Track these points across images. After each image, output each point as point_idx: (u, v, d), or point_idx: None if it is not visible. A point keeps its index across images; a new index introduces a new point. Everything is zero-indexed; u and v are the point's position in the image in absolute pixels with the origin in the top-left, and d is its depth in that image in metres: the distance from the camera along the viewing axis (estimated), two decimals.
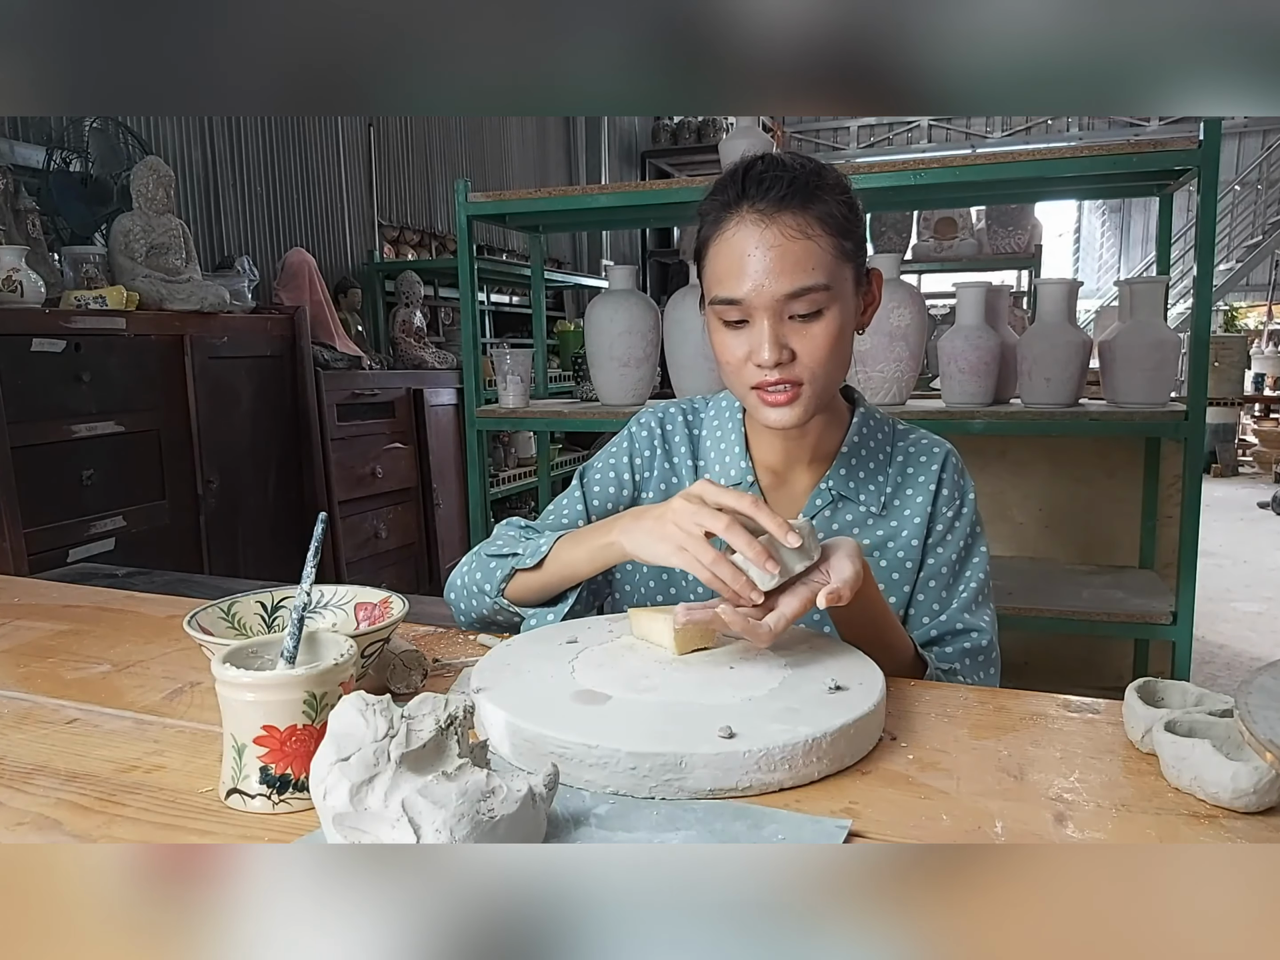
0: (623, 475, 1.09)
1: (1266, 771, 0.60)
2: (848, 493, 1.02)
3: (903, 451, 1.05)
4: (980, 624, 1.00)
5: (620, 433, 1.12)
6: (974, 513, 1.04)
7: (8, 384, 2.04)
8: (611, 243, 7.41)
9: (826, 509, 1.02)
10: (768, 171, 0.90)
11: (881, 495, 1.03)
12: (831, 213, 0.90)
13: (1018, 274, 6.52)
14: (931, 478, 1.03)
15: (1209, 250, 1.81)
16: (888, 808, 0.62)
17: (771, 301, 0.89)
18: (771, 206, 0.89)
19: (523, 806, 0.53)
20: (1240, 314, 11.56)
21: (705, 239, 0.95)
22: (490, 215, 2.46)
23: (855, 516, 1.02)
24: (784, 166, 0.91)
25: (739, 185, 0.91)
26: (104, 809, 0.63)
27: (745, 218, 0.90)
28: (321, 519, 0.69)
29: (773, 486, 1.05)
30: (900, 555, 1.02)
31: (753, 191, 0.90)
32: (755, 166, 0.92)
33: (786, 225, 0.89)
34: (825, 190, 0.91)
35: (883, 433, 1.06)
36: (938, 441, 1.07)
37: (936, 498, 1.03)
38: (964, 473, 1.06)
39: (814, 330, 0.91)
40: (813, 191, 0.90)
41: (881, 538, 1.02)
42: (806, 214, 0.89)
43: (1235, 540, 5.59)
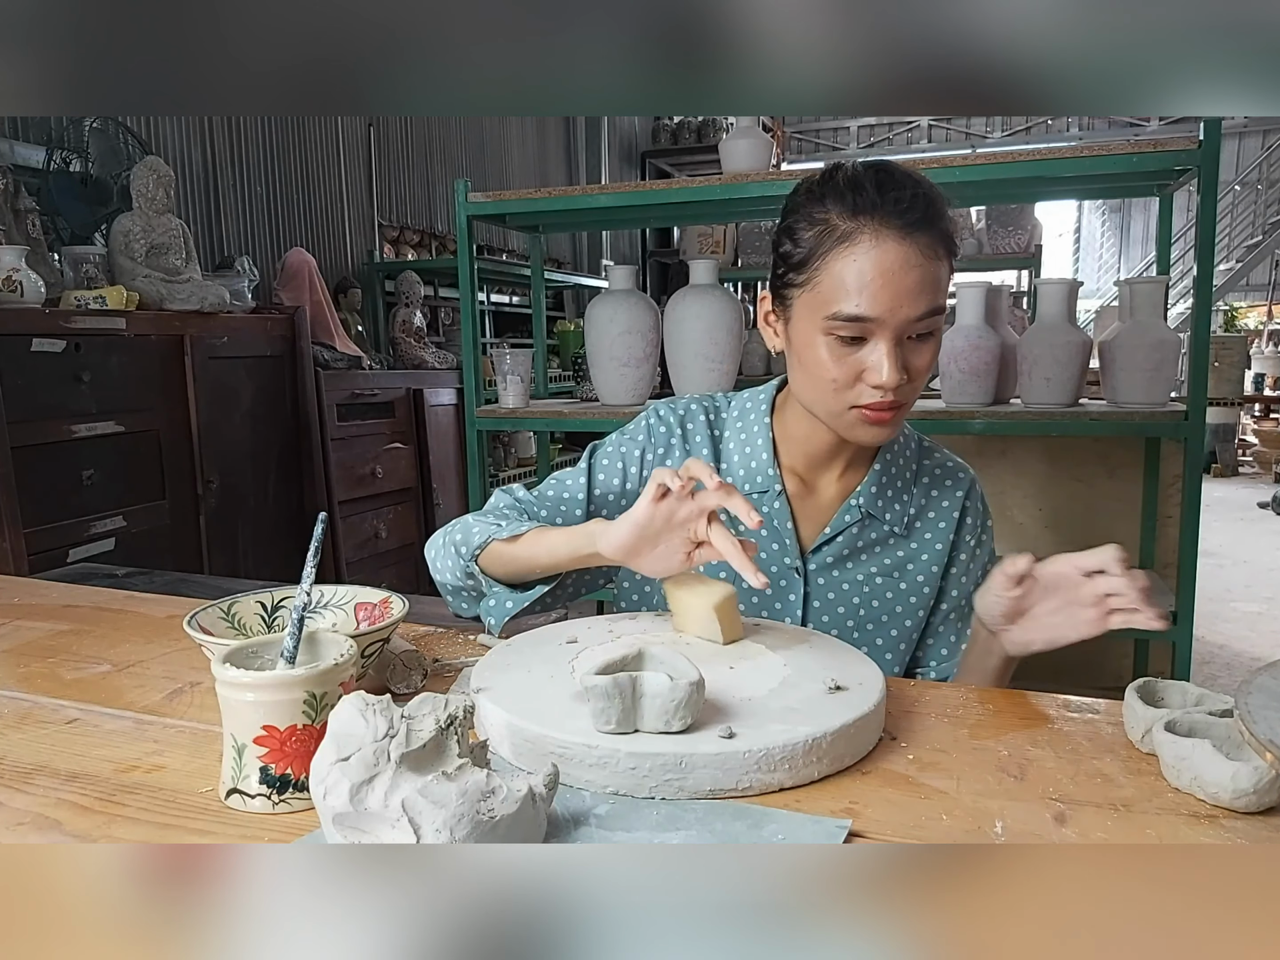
0: (630, 468, 1.04)
1: (1266, 771, 0.60)
2: (875, 511, 1.00)
3: (928, 472, 1.03)
4: None
5: (637, 422, 1.07)
6: (993, 542, 1.04)
7: (8, 384, 2.04)
8: (611, 243, 7.41)
9: (854, 525, 0.99)
10: (898, 185, 0.86)
11: (905, 515, 1.01)
12: (948, 232, 0.89)
13: (1018, 274, 6.53)
14: (956, 504, 1.02)
15: (1209, 250, 1.81)
16: (888, 808, 0.62)
17: (905, 323, 0.86)
18: (911, 225, 0.85)
19: (523, 806, 0.53)
20: (1240, 314, 11.56)
21: (820, 248, 0.87)
22: (490, 215, 2.45)
23: (879, 535, 1.01)
24: (910, 180, 0.87)
25: (873, 194, 0.86)
26: (104, 809, 0.63)
27: (882, 232, 0.85)
28: (321, 519, 0.69)
29: (800, 495, 1.01)
30: (919, 580, 1.01)
31: (891, 205, 0.85)
32: (882, 176, 0.87)
33: (924, 245, 0.86)
34: (945, 208, 0.89)
35: (910, 450, 1.04)
36: (962, 466, 1.05)
37: (960, 525, 1.01)
38: (985, 502, 1.05)
39: (924, 350, 0.89)
40: (940, 210, 0.88)
41: (901, 559, 1.01)
42: (935, 233, 0.87)
43: (1235, 540, 5.59)
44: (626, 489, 1.04)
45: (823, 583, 1.00)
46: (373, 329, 4.13)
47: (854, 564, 1.00)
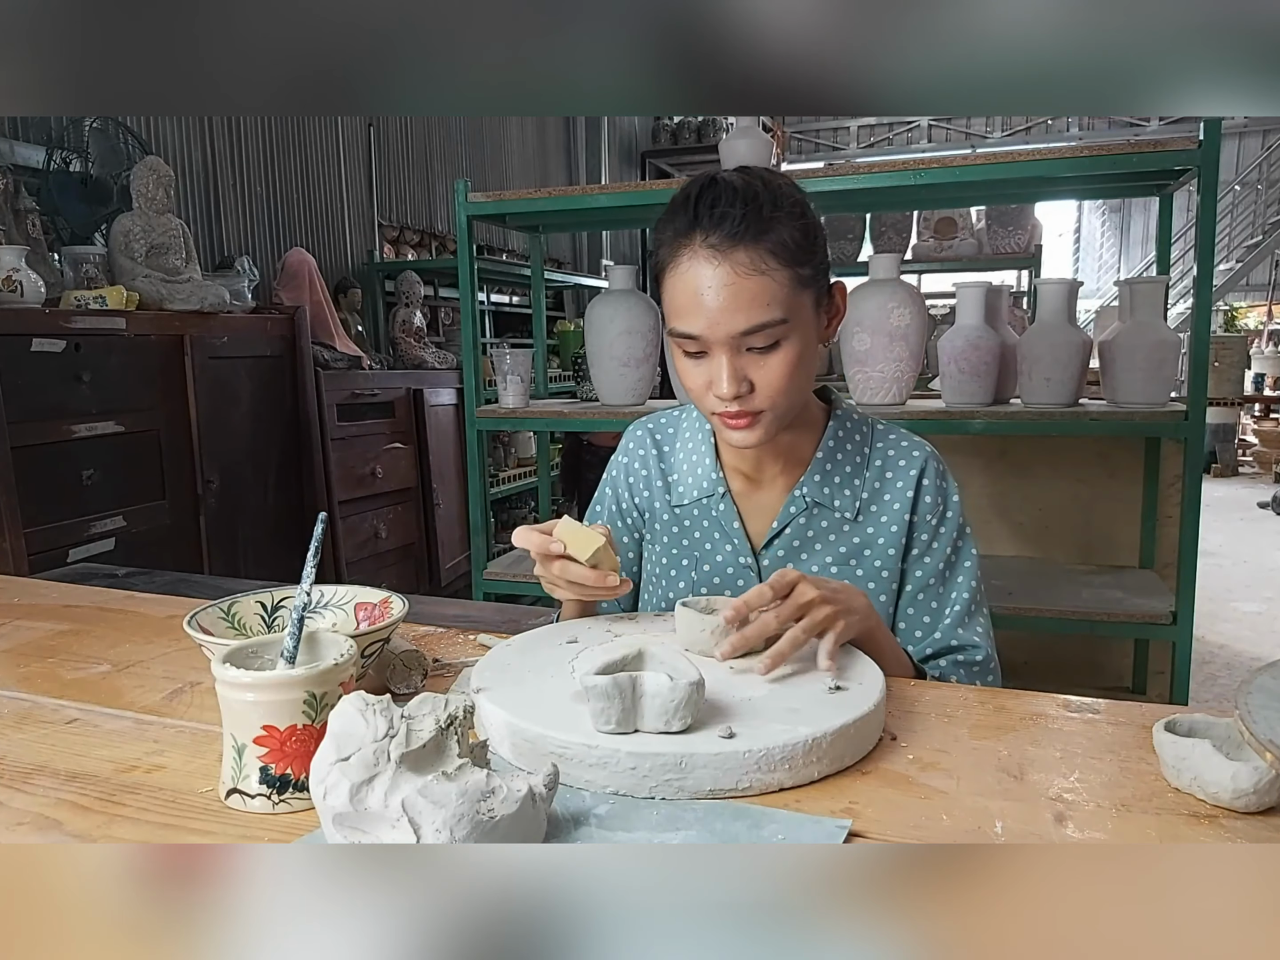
0: (622, 520, 1.12)
1: (1266, 771, 0.60)
2: (822, 499, 1.00)
3: (881, 455, 1.02)
4: (973, 639, 0.98)
5: (604, 479, 1.15)
6: (960, 516, 1.02)
7: (8, 384, 2.04)
8: (611, 243, 7.41)
9: (801, 516, 1.00)
10: (720, 201, 0.87)
11: (857, 501, 1.00)
12: (785, 242, 0.87)
13: (1018, 274, 6.52)
14: (910, 484, 1.00)
15: (1209, 250, 1.81)
16: (888, 808, 0.62)
17: (727, 338, 0.88)
18: (725, 242, 0.86)
19: (523, 806, 0.53)
20: (1240, 314, 11.56)
21: (661, 266, 0.92)
22: (490, 215, 2.46)
23: (830, 523, 1.00)
24: (736, 194, 0.87)
25: (691, 213, 0.88)
26: (104, 809, 0.63)
27: (698, 252, 0.87)
28: (321, 519, 0.69)
29: (746, 494, 1.04)
30: (876, 565, 1.00)
31: (706, 223, 0.87)
32: (707, 194, 0.89)
33: (739, 262, 0.86)
34: (780, 218, 0.87)
35: (860, 434, 1.03)
36: (917, 444, 1.03)
37: (916, 505, 1.00)
38: (946, 475, 1.03)
39: (771, 362, 0.90)
40: (766, 222, 0.87)
41: (857, 545, 1.00)
42: (760, 248, 0.86)
43: (1235, 540, 5.59)
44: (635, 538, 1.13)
45: None
46: (373, 329, 4.13)
47: (808, 554, 1.01)
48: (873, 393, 2.09)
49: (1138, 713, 0.77)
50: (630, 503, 1.11)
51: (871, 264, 2.10)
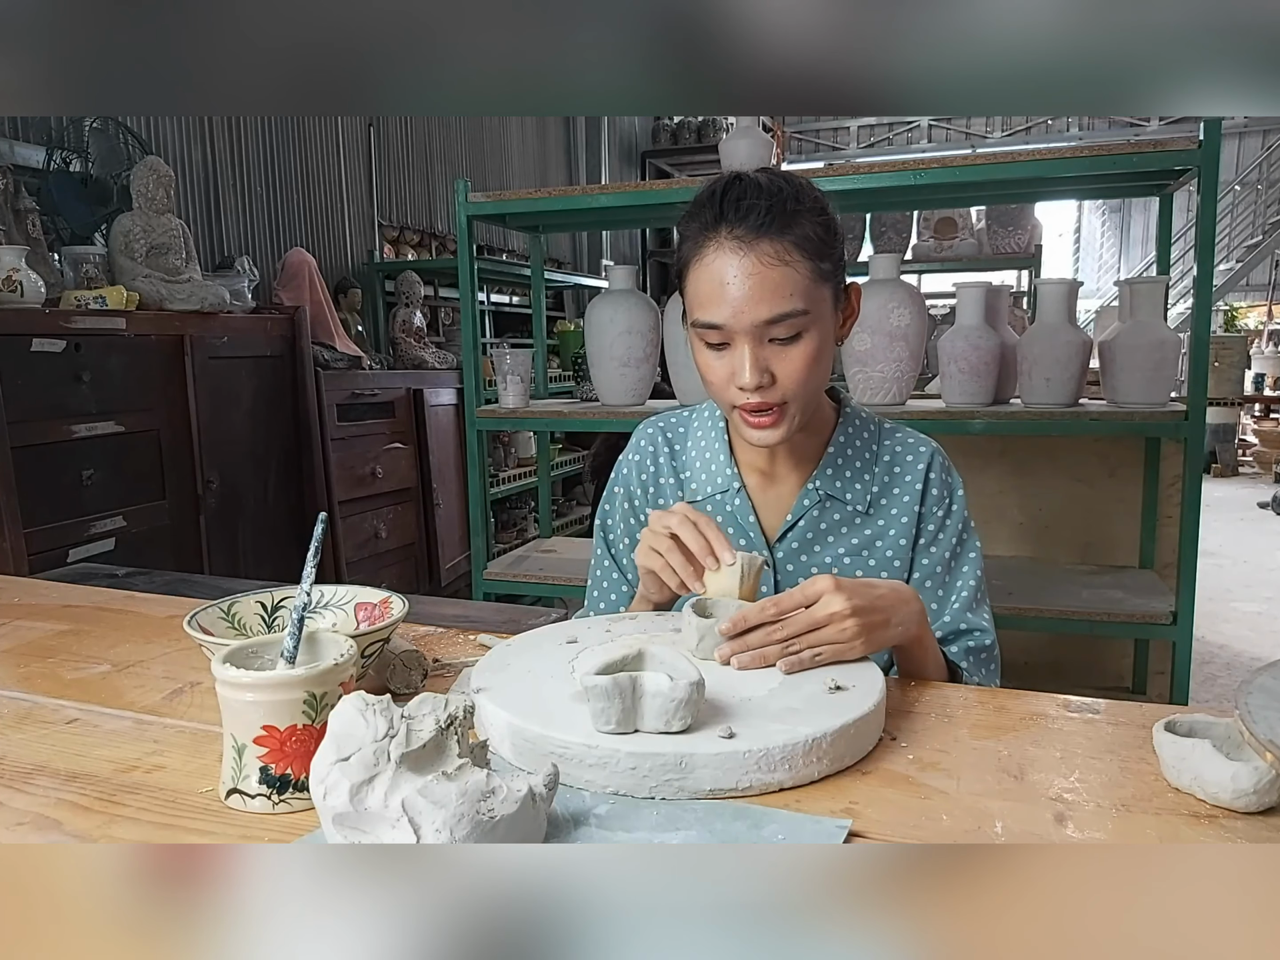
0: (634, 517, 1.12)
1: (1266, 771, 0.60)
2: (834, 492, 1.03)
3: (889, 451, 1.06)
4: (982, 623, 1.01)
5: (612, 478, 1.15)
6: (964, 510, 1.05)
7: (8, 384, 2.03)
8: (611, 243, 7.40)
9: (814, 509, 1.03)
10: (745, 195, 0.90)
11: (868, 494, 1.03)
12: (809, 236, 0.90)
13: (1018, 274, 6.52)
14: (918, 477, 1.04)
15: (1209, 250, 1.81)
16: (888, 808, 0.62)
17: (751, 327, 0.90)
18: (750, 233, 0.89)
19: (523, 806, 0.53)
20: (1240, 314, 11.56)
21: (685, 260, 0.95)
22: (490, 215, 2.46)
23: (843, 516, 1.03)
24: (761, 190, 0.90)
25: (717, 208, 0.91)
26: (104, 809, 0.63)
27: (724, 244, 0.90)
28: (321, 519, 0.69)
29: (760, 489, 1.06)
30: (889, 555, 1.03)
31: (731, 216, 0.90)
32: (733, 189, 0.91)
33: (764, 253, 0.89)
34: (803, 213, 0.90)
35: (868, 432, 1.07)
36: (924, 440, 1.08)
37: (924, 498, 1.03)
38: (951, 470, 1.07)
39: (793, 353, 0.92)
40: (790, 215, 0.90)
41: (869, 537, 1.03)
42: (784, 239, 0.89)
43: (1235, 540, 5.59)
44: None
45: (792, 569, 1.03)
46: (373, 329, 4.13)
47: (821, 547, 1.03)
48: (873, 393, 2.10)
49: (1138, 713, 0.77)
50: (642, 499, 1.12)
51: (871, 264, 2.10)
